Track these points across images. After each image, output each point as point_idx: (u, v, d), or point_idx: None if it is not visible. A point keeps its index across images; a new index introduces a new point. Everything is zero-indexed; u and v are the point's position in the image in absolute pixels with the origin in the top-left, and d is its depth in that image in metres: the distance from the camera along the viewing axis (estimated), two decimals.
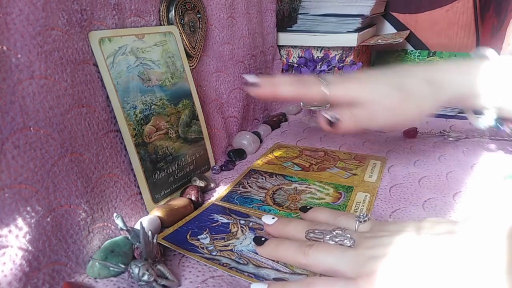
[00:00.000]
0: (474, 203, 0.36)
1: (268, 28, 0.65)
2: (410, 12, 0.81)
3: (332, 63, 0.63)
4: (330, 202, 0.37)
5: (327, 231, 0.28)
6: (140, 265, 0.26)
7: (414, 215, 0.35)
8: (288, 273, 0.28)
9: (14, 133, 0.25)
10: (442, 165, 0.44)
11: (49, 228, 0.27)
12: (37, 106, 0.27)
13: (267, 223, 0.32)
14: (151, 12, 0.39)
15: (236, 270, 0.28)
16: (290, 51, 0.71)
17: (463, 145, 0.50)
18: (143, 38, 0.37)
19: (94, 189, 0.30)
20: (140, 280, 0.26)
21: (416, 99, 0.36)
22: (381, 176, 0.42)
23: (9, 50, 0.26)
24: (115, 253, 0.28)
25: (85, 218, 0.29)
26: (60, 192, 0.28)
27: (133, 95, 0.35)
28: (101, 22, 0.33)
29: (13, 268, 0.24)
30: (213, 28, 0.49)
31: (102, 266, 0.28)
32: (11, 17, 0.26)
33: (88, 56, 0.31)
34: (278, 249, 0.29)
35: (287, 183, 0.42)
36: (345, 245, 0.27)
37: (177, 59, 0.41)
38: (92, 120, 0.31)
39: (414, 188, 0.40)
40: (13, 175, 0.25)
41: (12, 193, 0.25)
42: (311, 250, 0.27)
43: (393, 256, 0.24)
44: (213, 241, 0.32)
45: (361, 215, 0.30)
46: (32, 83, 0.27)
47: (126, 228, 0.28)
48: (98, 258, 0.28)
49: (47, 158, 0.27)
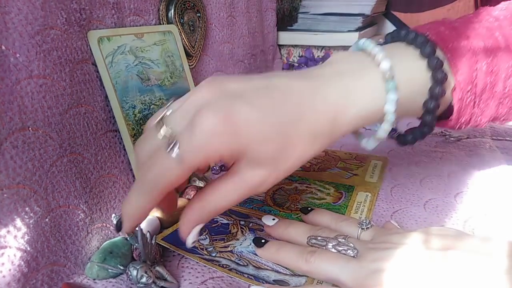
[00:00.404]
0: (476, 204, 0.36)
1: (269, 27, 0.64)
2: (411, 11, 0.81)
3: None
4: (331, 202, 0.37)
5: (330, 239, 0.28)
6: (139, 267, 0.26)
7: (416, 216, 0.35)
8: (289, 275, 0.28)
9: (12, 133, 0.25)
10: (444, 165, 0.44)
11: (48, 229, 0.27)
12: (35, 106, 0.27)
13: (267, 224, 0.32)
14: (151, 11, 0.39)
15: (235, 272, 0.28)
16: (290, 51, 0.70)
17: (465, 145, 0.50)
18: (142, 37, 0.37)
19: (92, 189, 0.30)
20: (138, 282, 0.26)
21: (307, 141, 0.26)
22: (382, 176, 0.42)
23: (7, 49, 0.25)
24: (114, 254, 0.28)
25: (84, 218, 0.29)
26: (58, 193, 0.28)
27: (132, 95, 0.35)
28: (100, 21, 0.33)
29: (11, 269, 0.24)
30: (213, 27, 0.49)
31: (101, 267, 0.27)
32: (9, 16, 0.26)
33: (87, 55, 0.31)
34: (279, 253, 0.29)
35: (288, 182, 0.41)
36: (348, 255, 0.26)
37: (177, 58, 0.41)
38: (90, 120, 0.31)
39: (415, 189, 0.39)
40: (12, 175, 0.25)
41: (11, 194, 0.25)
42: (313, 257, 0.26)
43: (397, 271, 0.23)
44: (213, 242, 0.32)
45: (363, 222, 0.29)
46: (30, 83, 0.26)
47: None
48: (97, 260, 0.28)
49: (46, 158, 0.27)
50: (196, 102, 0.24)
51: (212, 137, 0.23)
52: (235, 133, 0.23)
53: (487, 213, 0.34)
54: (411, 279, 0.23)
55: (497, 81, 0.29)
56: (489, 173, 0.42)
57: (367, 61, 0.28)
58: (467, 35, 0.30)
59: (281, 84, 0.26)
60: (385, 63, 0.27)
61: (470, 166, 0.44)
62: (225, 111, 0.23)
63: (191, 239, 0.26)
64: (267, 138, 0.24)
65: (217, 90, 0.25)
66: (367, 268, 0.24)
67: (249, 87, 0.25)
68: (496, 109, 0.30)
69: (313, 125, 0.25)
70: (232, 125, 0.23)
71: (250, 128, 0.23)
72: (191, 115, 0.23)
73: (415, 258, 0.24)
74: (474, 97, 0.29)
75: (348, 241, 0.27)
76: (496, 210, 0.34)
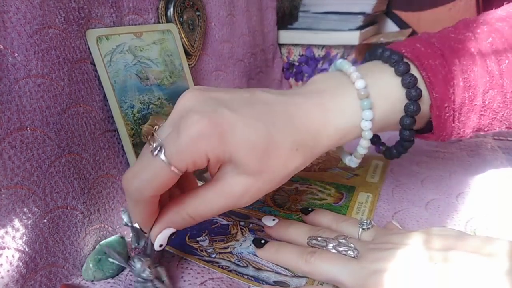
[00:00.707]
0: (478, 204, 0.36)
1: (269, 26, 0.64)
2: (412, 10, 0.81)
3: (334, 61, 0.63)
4: (332, 203, 0.37)
5: (330, 239, 0.28)
6: (144, 260, 0.26)
7: (417, 216, 0.34)
8: (289, 276, 0.27)
9: (10, 133, 0.25)
10: (445, 165, 0.44)
11: (46, 230, 0.26)
12: (34, 106, 0.26)
13: (267, 225, 0.32)
14: (149, 10, 0.38)
15: (235, 273, 0.28)
16: (290, 50, 0.70)
17: (466, 145, 0.49)
18: (141, 36, 0.36)
19: (91, 190, 0.30)
20: (139, 275, 0.26)
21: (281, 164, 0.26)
22: (384, 177, 0.42)
23: (5, 49, 0.25)
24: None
25: (82, 219, 0.29)
26: (57, 193, 0.27)
27: (131, 94, 0.35)
28: (98, 20, 0.33)
29: (10, 269, 0.24)
30: (213, 26, 0.49)
31: (96, 269, 0.27)
32: (8, 15, 0.25)
33: (85, 54, 0.31)
34: (279, 254, 0.28)
35: (288, 183, 0.41)
36: (349, 256, 0.26)
37: (176, 57, 0.41)
38: (89, 119, 0.31)
39: (416, 189, 0.39)
40: (10, 176, 0.25)
41: (9, 194, 0.25)
42: (313, 258, 0.26)
43: (398, 272, 0.23)
44: (212, 243, 0.31)
45: (364, 222, 0.29)
46: (29, 82, 0.26)
47: (130, 225, 0.27)
48: (92, 261, 0.28)
49: (44, 159, 0.27)
50: (181, 108, 0.25)
51: (197, 139, 0.23)
52: (220, 135, 0.23)
53: (489, 213, 0.34)
54: (412, 280, 0.23)
55: (475, 95, 0.29)
56: (491, 173, 0.41)
57: (344, 80, 0.29)
58: (443, 52, 0.30)
59: (264, 98, 0.26)
60: (360, 82, 0.28)
61: (472, 166, 0.43)
62: (210, 115, 0.23)
63: (158, 241, 0.26)
64: (252, 142, 0.24)
65: (202, 98, 0.25)
66: (368, 268, 0.24)
67: (233, 97, 0.26)
68: (478, 121, 0.31)
69: (297, 135, 0.26)
70: (217, 128, 0.23)
71: (235, 131, 0.24)
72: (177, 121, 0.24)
73: (416, 258, 0.24)
74: (452, 112, 0.30)
75: (349, 241, 0.27)
76: (498, 211, 0.34)
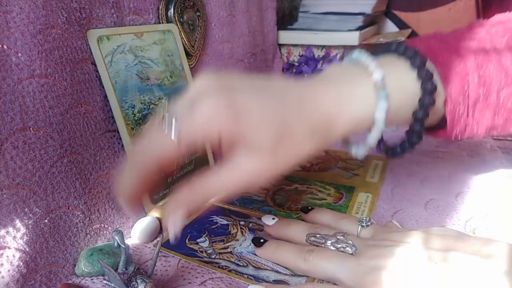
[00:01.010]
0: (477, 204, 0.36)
1: (269, 26, 0.64)
2: (412, 10, 0.81)
3: (333, 62, 0.63)
4: (332, 203, 0.37)
5: (329, 236, 0.28)
6: (147, 281, 0.25)
7: (416, 216, 0.34)
8: (289, 275, 0.28)
9: (13, 133, 0.25)
10: (445, 165, 0.44)
11: (47, 230, 0.26)
12: (37, 106, 0.27)
13: (267, 223, 0.32)
14: (150, 10, 0.38)
15: (235, 272, 0.28)
16: (290, 50, 0.70)
17: (466, 145, 0.49)
18: (141, 36, 0.37)
19: (91, 190, 0.30)
20: None
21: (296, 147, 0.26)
22: (383, 176, 0.42)
23: (9, 49, 0.25)
24: (103, 251, 0.28)
25: (83, 219, 0.29)
26: (58, 194, 0.27)
27: (132, 94, 0.35)
28: (99, 20, 0.33)
29: (10, 269, 0.24)
30: (213, 26, 0.49)
31: (86, 262, 0.27)
32: (11, 15, 0.25)
33: (86, 55, 0.31)
34: (278, 252, 0.29)
35: (288, 183, 0.41)
36: (347, 253, 0.26)
37: (176, 57, 0.41)
38: (90, 120, 0.31)
39: (416, 189, 0.39)
40: (11, 176, 0.25)
41: (10, 194, 0.25)
42: (311, 256, 0.26)
43: (396, 269, 0.23)
44: (212, 244, 0.31)
45: (363, 219, 0.29)
46: (32, 82, 0.26)
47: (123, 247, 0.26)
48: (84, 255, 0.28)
49: (46, 159, 0.27)
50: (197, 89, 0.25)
51: (212, 117, 0.23)
52: (235, 115, 0.23)
53: (488, 213, 0.34)
54: (410, 278, 0.23)
55: (490, 92, 0.30)
56: (490, 173, 0.41)
57: (360, 71, 0.29)
58: (458, 48, 0.30)
59: (280, 83, 0.27)
60: (378, 73, 0.28)
61: (471, 166, 0.43)
62: (227, 95, 0.24)
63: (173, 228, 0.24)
64: (267, 122, 0.24)
65: (218, 80, 0.25)
66: (366, 265, 0.24)
67: (250, 81, 0.26)
68: (492, 120, 0.31)
69: (311, 120, 0.26)
70: (233, 107, 0.23)
71: (251, 111, 0.24)
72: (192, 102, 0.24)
73: (416, 257, 0.24)
74: (467, 108, 0.30)
75: (347, 238, 0.27)
76: (497, 211, 0.34)
